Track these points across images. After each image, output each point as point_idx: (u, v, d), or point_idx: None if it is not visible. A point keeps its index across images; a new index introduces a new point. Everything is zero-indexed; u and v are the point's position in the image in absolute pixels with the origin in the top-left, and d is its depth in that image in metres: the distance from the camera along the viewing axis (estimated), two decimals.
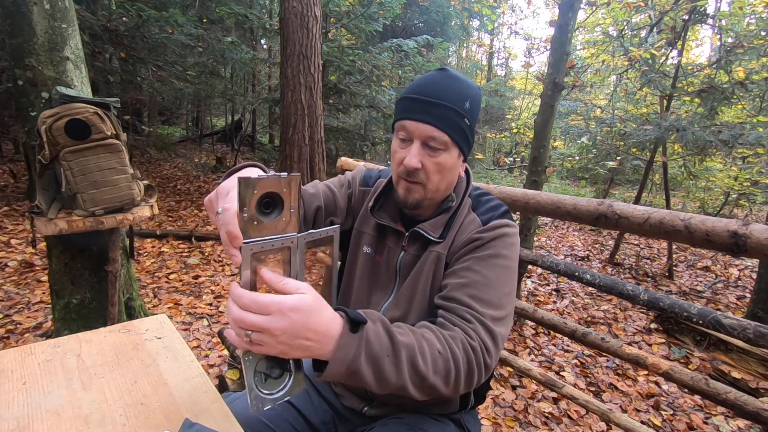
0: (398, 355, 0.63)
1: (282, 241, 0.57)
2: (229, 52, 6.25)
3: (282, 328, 0.54)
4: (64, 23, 1.92)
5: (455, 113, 0.79)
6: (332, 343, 0.59)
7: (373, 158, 8.38)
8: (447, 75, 0.82)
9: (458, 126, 0.80)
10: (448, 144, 0.80)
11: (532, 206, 1.57)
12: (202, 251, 4.13)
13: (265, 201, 0.55)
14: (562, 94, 3.63)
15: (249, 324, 0.53)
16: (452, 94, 0.79)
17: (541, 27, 25.98)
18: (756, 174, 5.68)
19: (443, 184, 0.84)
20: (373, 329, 0.63)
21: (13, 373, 0.79)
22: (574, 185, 11.43)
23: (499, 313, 0.76)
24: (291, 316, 0.54)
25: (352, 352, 0.60)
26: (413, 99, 0.80)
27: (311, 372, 1.04)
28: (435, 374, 0.66)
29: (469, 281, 0.78)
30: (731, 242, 1.02)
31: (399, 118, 0.83)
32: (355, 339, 0.61)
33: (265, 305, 0.54)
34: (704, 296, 4.09)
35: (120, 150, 1.83)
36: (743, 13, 5.21)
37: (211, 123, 13.58)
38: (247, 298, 0.54)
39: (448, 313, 0.76)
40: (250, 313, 0.54)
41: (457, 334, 0.71)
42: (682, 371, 1.43)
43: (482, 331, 0.72)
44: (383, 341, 0.63)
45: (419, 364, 0.64)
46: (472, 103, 0.81)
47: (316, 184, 0.99)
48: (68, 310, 2.10)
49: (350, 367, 0.60)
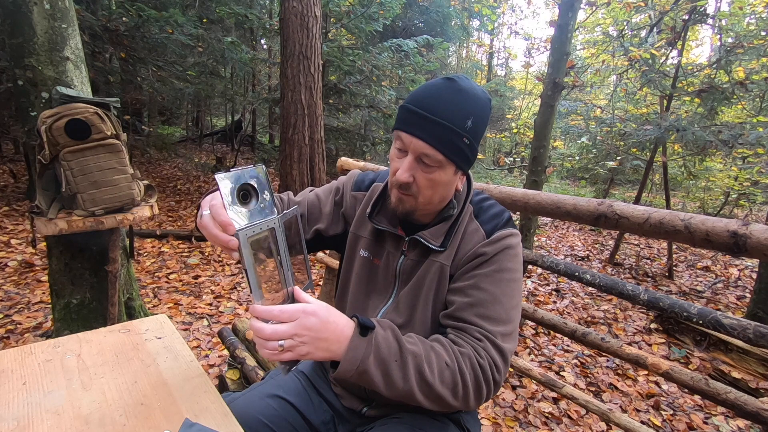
0: (405, 361, 0.68)
1: (267, 222, 0.65)
2: (229, 52, 6.25)
3: (307, 328, 0.63)
4: (64, 23, 1.92)
5: (453, 133, 0.74)
6: (345, 344, 0.66)
7: (373, 158, 8.37)
8: (453, 88, 0.76)
9: (455, 146, 0.75)
10: (443, 162, 0.76)
11: (532, 206, 1.56)
12: (202, 251, 4.13)
13: (242, 193, 0.64)
14: (562, 94, 3.63)
15: (281, 334, 0.62)
16: (453, 112, 0.74)
17: (541, 27, 26.00)
18: (756, 174, 5.68)
19: (436, 198, 0.82)
20: (383, 335, 0.69)
21: (13, 373, 0.79)
22: (574, 185, 11.43)
23: (506, 328, 0.78)
24: (312, 319, 0.64)
25: (361, 353, 0.66)
26: (412, 111, 0.76)
27: (310, 371, 1.04)
28: (442, 384, 0.69)
29: (476, 300, 0.78)
30: (731, 242, 1.02)
31: (397, 127, 0.80)
32: (364, 342, 0.67)
33: (293, 312, 0.64)
34: (704, 296, 4.09)
35: (120, 150, 1.83)
36: (743, 13, 5.21)
37: (211, 123, 13.59)
38: (276, 309, 0.63)
39: (457, 332, 0.78)
40: (280, 324, 0.63)
41: (466, 350, 0.73)
42: (682, 371, 1.43)
43: (492, 349, 0.74)
44: (392, 347, 0.69)
45: (425, 372, 0.68)
46: (476, 120, 0.76)
47: (305, 192, 1.02)
48: (68, 310, 2.10)
49: (359, 367, 0.66)
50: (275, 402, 0.93)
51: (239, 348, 1.86)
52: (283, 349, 0.62)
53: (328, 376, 1.03)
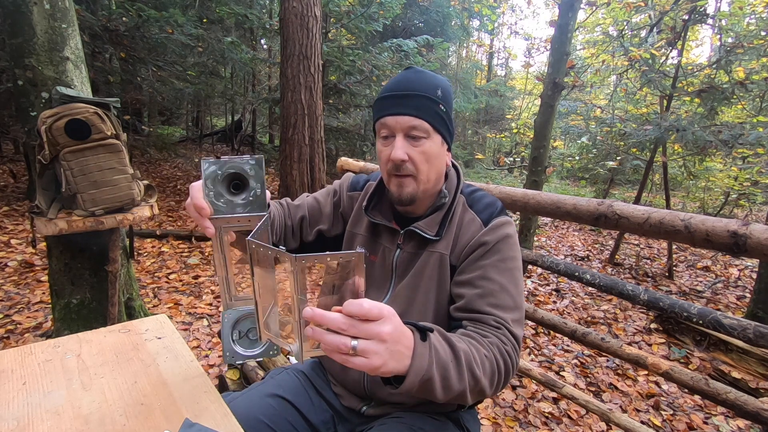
0: (459, 361, 0.64)
1: (249, 218, 0.63)
2: (229, 52, 6.25)
3: (389, 332, 0.52)
4: (64, 23, 1.92)
5: (429, 100, 0.82)
6: (410, 353, 0.57)
7: (373, 158, 8.37)
8: (415, 71, 0.86)
9: (435, 112, 0.83)
10: (429, 131, 0.83)
11: (532, 206, 1.57)
12: (202, 251, 4.13)
13: (234, 183, 0.62)
14: (562, 94, 3.64)
15: (360, 331, 0.51)
16: (423, 85, 0.83)
17: (541, 27, 25.99)
18: (756, 174, 5.67)
19: (433, 174, 0.86)
20: (435, 337, 0.63)
21: (13, 373, 0.79)
22: (574, 185, 11.43)
23: (516, 314, 0.80)
24: (394, 320, 0.54)
25: (425, 360, 0.59)
26: (388, 96, 0.84)
27: (309, 370, 1.04)
28: (485, 376, 0.68)
29: (485, 291, 0.80)
30: (731, 242, 1.02)
31: (378, 118, 0.86)
32: (427, 348, 0.60)
33: (378, 310, 0.52)
34: (704, 296, 4.09)
35: (120, 150, 1.83)
36: (743, 13, 5.20)
37: (211, 123, 13.58)
38: (355, 304, 0.51)
39: (475, 323, 0.78)
40: (357, 320, 0.51)
41: (493, 340, 0.74)
42: (682, 371, 1.43)
43: (509, 336, 0.76)
44: (446, 348, 0.63)
45: (475, 368, 0.66)
46: (444, 92, 0.85)
47: (303, 197, 1.04)
48: (68, 310, 2.10)
49: (425, 375, 0.58)
50: (275, 401, 0.93)
51: None
52: (355, 352, 0.51)
53: (327, 375, 1.03)
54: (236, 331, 0.66)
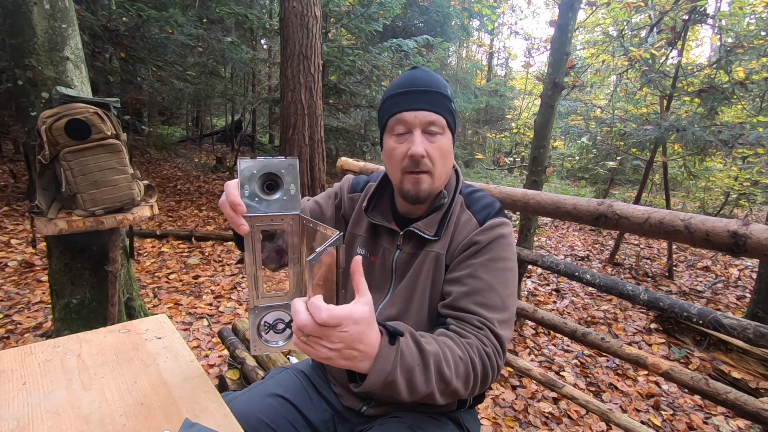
0: (427, 364, 0.65)
1: (282, 216, 0.65)
2: (229, 52, 6.25)
3: (340, 338, 0.55)
4: (64, 23, 1.92)
5: (444, 97, 0.84)
6: (373, 355, 0.60)
7: (373, 158, 8.37)
8: (422, 70, 0.87)
9: (449, 109, 0.84)
10: (445, 127, 0.84)
11: (532, 206, 1.57)
12: (202, 251, 4.13)
13: (267, 183, 0.64)
14: (562, 94, 3.63)
15: (310, 332, 0.55)
16: (436, 82, 0.84)
17: (541, 27, 26.00)
18: (756, 174, 5.67)
19: (445, 171, 0.87)
20: (404, 341, 0.64)
21: (13, 373, 0.79)
22: (574, 185, 11.43)
23: (503, 315, 0.79)
24: (351, 329, 0.55)
25: (390, 363, 0.61)
26: (404, 92, 0.83)
27: (310, 370, 1.04)
28: (457, 378, 0.68)
29: (473, 289, 0.79)
30: (731, 242, 1.02)
31: (393, 114, 0.84)
32: (393, 351, 0.62)
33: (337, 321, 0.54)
34: (704, 296, 4.09)
35: (120, 150, 1.83)
36: (743, 13, 5.20)
37: (211, 123, 13.58)
38: (325, 312, 0.53)
39: (458, 322, 0.78)
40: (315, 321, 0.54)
41: (472, 341, 0.73)
42: (682, 371, 1.43)
43: (492, 337, 0.75)
44: (413, 351, 0.65)
45: (444, 370, 0.67)
46: (450, 90, 0.87)
47: (304, 200, 1.04)
48: (68, 310, 2.10)
49: (387, 378, 0.61)
50: (275, 401, 0.93)
51: (239, 348, 1.86)
52: (306, 341, 0.56)
53: (327, 375, 1.03)
54: (264, 324, 0.69)
